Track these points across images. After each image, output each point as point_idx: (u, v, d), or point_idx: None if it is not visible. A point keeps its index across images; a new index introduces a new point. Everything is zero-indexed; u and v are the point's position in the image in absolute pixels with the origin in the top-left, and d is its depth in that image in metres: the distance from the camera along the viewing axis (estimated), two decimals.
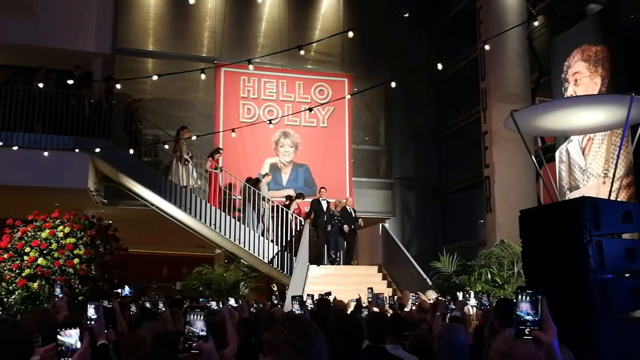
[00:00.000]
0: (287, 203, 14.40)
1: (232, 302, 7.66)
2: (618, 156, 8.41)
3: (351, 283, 12.50)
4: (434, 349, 3.72)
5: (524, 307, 1.78)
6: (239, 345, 3.96)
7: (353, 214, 14.34)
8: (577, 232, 4.21)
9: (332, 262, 13.92)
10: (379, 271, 13.76)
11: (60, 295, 4.74)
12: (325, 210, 13.85)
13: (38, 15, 13.90)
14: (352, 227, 14.25)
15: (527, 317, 1.77)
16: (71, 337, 1.93)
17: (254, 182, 14.20)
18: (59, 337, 1.92)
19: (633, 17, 10.74)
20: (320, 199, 14.03)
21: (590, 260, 4.14)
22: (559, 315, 1.86)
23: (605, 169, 10.62)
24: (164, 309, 5.08)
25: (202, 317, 2.13)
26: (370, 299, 8.24)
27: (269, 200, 13.96)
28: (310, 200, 14.48)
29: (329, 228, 13.87)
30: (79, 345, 1.92)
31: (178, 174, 13.33)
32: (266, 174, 14.80)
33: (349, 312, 7.53)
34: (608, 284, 4.20)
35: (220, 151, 14.34)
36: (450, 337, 3.61)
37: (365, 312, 6.73)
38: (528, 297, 1.79)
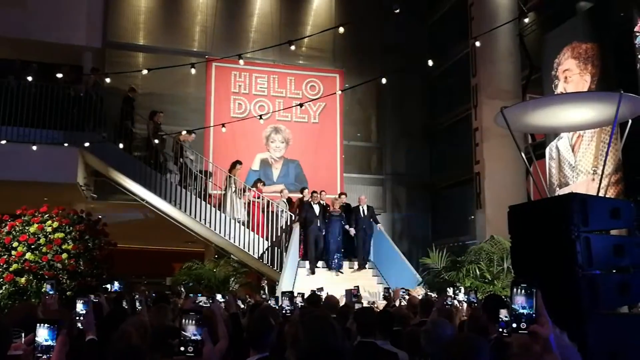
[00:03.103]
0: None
1: (219, 297, 7.64)
2: (607, 153, 8.46)
3: (341, 280, 12.53)
4: (421, 344, 3.73)
5: (519, 301, 1.77)
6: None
7: (369, 214, 13.60)
8: (566, 228, 4.21)
9: (330, 267, 13.15)
10: (370, 267, 13.76)
11: (52, 293, 4.71)
12: (318, 214, 13.12)
13: (28, 7, 13.75)
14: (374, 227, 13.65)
15: (523, 311, 1.76)
16: (47, 334, 1.90)
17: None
18: (36, 336, 1.90)
19: (623, 14, 10.77)
20: (313, 202, 13.31)
21: (578, 256, 4.15)
22: (546, 311, 1.85)
23: (594, 165, 10.68)
24: (140, 307, 5.08)
25: (193, 321, 2.14)
26: (348, 296, 8.22)
27: (288, 214, 13.84)
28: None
29: (323, 232, 13.15)
30: (53, 342, 1.90)
31: (233, 207, 13.45)
32: (282, 190, 14.69)
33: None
34: (596, 280, 4.21)
35: (262, 182, 14.47)
36: (436, 331, 3.61)
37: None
38: (523, 291, 1.77)
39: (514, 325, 1.76)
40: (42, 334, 1.92)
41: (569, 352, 1.77)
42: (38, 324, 1.93)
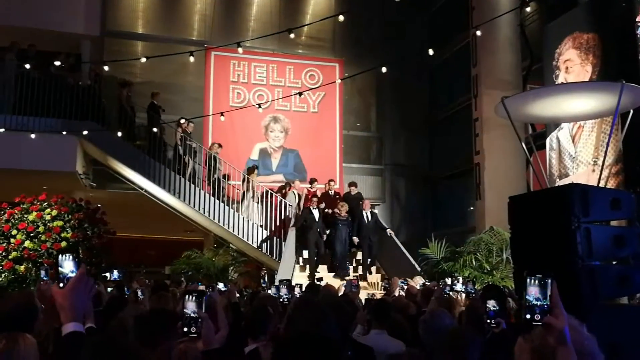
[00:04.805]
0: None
1: (220, 286, 7.65)
2: (607, 144, 8.44)
3: None
4: (419, 333, 3.72)
5: (533, 292, 1.74)
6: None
7: (373, 221, 12.83)
8: (566, 218, 4.20)
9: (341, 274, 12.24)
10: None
11: (46, 279, 4.70)
12: (317, 219, 12.53)
13: None
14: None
15: (536, 302, 1.74)
16: (68, 265, 2.01)
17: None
18: (61, 267, 2.01)
19: (625, 5, 10.71)
20: (312, 207, 12.71)
21: (578, 247, 4.14)
22: None
23: (594, 156, 10.66)
24: (142, 296, 5.09)
25: (194, 299, 2.23)
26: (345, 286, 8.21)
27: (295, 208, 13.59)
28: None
29: (324, 237, 12.61)
30: (73, 273, 2.00)
31: (249, 211, 13.35)
32: (294, 182, 14.54)
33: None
34: (595, 270, 4.20)
35: (287, 188, 14.21)
36: (434, 321, 3.61)
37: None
38: (537, 281, 1.75)
39: (528, 316, 1.73)
40: (68, 266, 2.02)
41: (589, 344, 1.76)
42: (62, 255, 2.03)
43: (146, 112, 13.51)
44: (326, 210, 13.13)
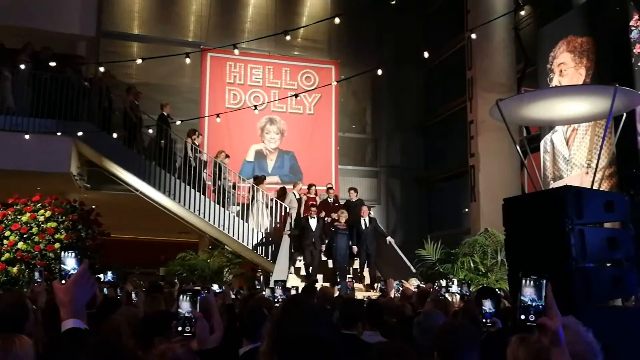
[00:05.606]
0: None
1: (215, 287, 7.62)
2: (601, 147, 8.47)
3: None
4: (414, 335, 3.73)
5: (528, 292, 1.76)
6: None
7: (372, 227, 12.54)
8: (560, 220, 4.22)
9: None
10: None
11: (40, 280, 4.68)
12: (314, 229, 12.22)
13: None
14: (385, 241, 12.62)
15: (531, 303, 1.75)
16: (70, 261, 2.02)
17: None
18: (64, 264, 2.02)
19: (618, 9, 10.76)
20: (310, 217, 12.40)
21: (572, 249, 4.15)
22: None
23: (588, 159, 10.70)
24: (136, 298, 5.08)
25: (188, 298, 2.23)
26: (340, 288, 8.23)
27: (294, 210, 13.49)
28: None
29: (322, 248, 12.36)
30: (75, 270, 2.01)
31: (259, 217, 13.31)
32: (295, 184, 14.32)
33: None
34: (589, 272, 4.22)
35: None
36: (428, 322, 3.61)
37: None
38: (532, 282, 1.76)
39: (522, 317, 1.74)
40: (70, 263, 2.02)
41: (592, 348, 1.77)
42: (64, 252, 2.03)
43: (154, 120, 13.46)
44: (325, 218, 12.85)
